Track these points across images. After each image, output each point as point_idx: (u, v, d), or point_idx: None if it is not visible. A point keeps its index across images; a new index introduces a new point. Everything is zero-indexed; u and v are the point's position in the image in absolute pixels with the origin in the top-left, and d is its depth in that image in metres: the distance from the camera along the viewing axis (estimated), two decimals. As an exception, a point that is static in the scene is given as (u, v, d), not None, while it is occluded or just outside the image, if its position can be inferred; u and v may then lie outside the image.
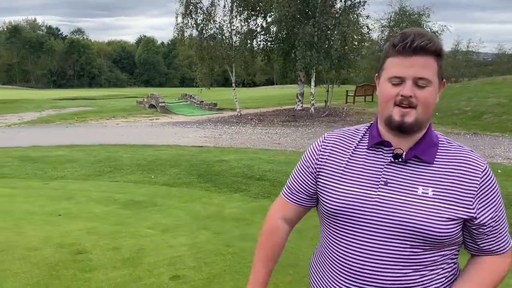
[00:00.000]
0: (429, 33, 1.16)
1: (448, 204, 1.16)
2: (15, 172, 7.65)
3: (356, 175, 1.23)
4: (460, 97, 18.38)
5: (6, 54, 75.77)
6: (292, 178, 1.40)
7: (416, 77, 1.14)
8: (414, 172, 1.19)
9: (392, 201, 1.17)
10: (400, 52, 1.15)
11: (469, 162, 1.19)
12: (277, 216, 1.41)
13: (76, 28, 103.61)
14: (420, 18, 34.79)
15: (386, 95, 1.18)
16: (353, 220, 1.21)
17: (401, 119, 1.16)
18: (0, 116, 20.74)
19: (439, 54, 1.16)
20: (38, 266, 3.73)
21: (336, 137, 1.34)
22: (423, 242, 1.16)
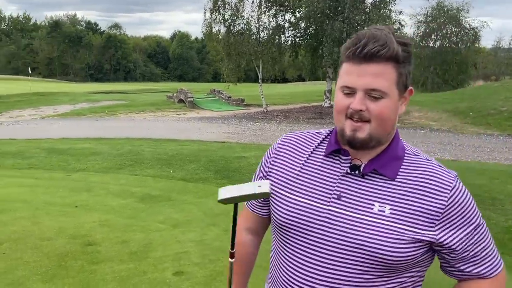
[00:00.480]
0: (387, 35, 1.00)
1: (406, 224, 1.02)
2: (41, 163, 7.94)
3: (308, 184, 1.11)
4: (497, 96, 17.63)
5: (47, 48, 78.63)
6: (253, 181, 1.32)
7: (367, 88, 1.00)
8: (371, 187, 1.06)
9: (344, 217, 1.05)
10: (350, 58, 1.01)
11: (435, 179, 1.04)
12: (241, 228, 1.33)
13: (113, 23, 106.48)
14: (459, 13, 33.58)
15: (337, 105, 1.06)
16: (301, 236, 1.09)
17: (352, 134, 1.03)
18: (36, 108, 21.59)
19: (398, 59, 1.00)
20: (49, 256, 3.85)
21: (292, 139, 1.21)
22: (376, 266, 1.03)
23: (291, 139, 1.21)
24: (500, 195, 5.88)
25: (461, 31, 33.99)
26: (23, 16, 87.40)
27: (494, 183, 6.55)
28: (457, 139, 11.96)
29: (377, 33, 1.00)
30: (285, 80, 42.73)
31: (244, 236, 1.33)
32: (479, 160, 9.00)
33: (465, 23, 33.78)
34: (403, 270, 1.06)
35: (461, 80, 34.70)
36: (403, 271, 1.06)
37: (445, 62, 33.75)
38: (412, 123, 15.17)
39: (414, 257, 1.03)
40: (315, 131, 1.22)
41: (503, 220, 4.98)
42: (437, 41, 34.70)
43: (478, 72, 43.60)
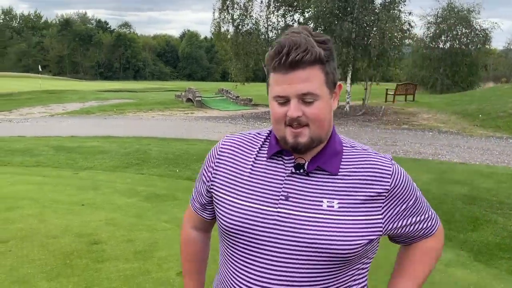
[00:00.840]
0: (306, 39, 1.01)
1: (356, 215, 1.06)
2: (49, 161, 8.01)
3: (255, 188, 1.10)
4: (507, 98, 17.43)
5: (58, 46, 79.29)
6: (195, 186, 1.30)
7: (299, 93, 1.02)
8: (317, 184, 1.08)
9: (294, 217, 1.05)
10: (276, 68, 1.03)
11: (375, 166, 1.09)
12: (187, 226, 1.34)
13: (123, 22, 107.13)
14: (470, 14, 33.27)
15: (274, 115, 1.07)
16: (252, 240, 1.08)
17: (294, 141, 1.05)
18: (46, 106, 21.78)
19: (322, 61, 1.03)
20: (54, 254, 3.89)
21: (233, 142, 1.20)
22: (330, 262, 1.05)
23: (233, 142, 1.20)
24: (508, 199, 5.82)
25: (471, 32, 33.66)
26: (34, 14, 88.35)
27: (502, 187, 6.48)
28: (465, 141, 11.85)
29: (296, 39, 1.01)
30: (293, 80, 42.53)
31: (191, 233, 1.33)
32: (487, 163, 8.91)
33: (475, 24, 33.46)
34: (354, 263, 1.09)
35: (471, 82, 34.37)
36: (353, 263, 1.09)
37: (455, 63, 33.45)
38: (420, 124, 15.06)
39: (365, 247, 1.07)
40: (255, 132, 1.22)
41: (510, 224, 4.93)
42: (447, 42, 34.40)
43: (488, 74, 43.16)
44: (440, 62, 33.86)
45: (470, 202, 5.70)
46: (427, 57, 34.44)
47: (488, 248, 4.30)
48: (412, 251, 1.23)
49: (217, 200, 1.17)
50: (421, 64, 34.68)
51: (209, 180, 1.20)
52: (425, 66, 34.45)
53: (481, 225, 4.93)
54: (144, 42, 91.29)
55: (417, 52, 34.62)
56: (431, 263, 1.23)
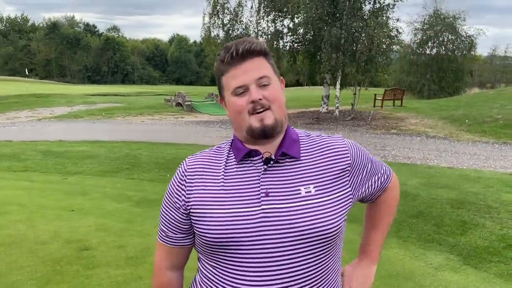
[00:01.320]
0: (249, 38, 1.17)
1: (332, 194, 1.15)
2: (37, 166, 7.91)
3: (233, 194, 1.12)
4: (492, 104, 17.74)
5: (45, 50, 78.50)
6: (162, 219, 1.25)
7: (256, 78, 1.12)
8: (289, 173, 1.14)
9: (279, 210, 1.10)
10: (230, 63, 1.14)
11: (333, 146, 1.21)
12: (164, 267, 1.28)
13: (112, 26, 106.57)
14: (455, 21, 33.82)
15: (236, 107, 1.14)
16: (244, 244, 1.09)
17: (261, 124, 1.12)
18: (33, 110, 21.50)
19: (266, 53, 1.16)
20: (44, 260, 3.83)
21: (199, 161, 1.21)
22: (321, 245, 1.11)
23: (198, 161, 1.21)
24: (495, 203, 5.90)
25: (457, 38, 34.24)
26: (21, 17, 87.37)
27: (490, 191, 6.57)
28: (453, 146, 12.01)
29: (241, 39, 1.16)
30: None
31: (169, 276, 1.28)
32: (474, 167, 9.04)
33: (461, 31, 34.05)
34: (337, 241, 1.17)
35: (457, 87, 34.91)
36: (337, 242, 1.17)
37: (442, 69, 33.96)
38: (408, 129, 15.22)
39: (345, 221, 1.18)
40: (215, 147, 1.25)
41: (498, 228, 5.00)
42: (433, 49, 34.92)
43: (474, 80, 43.86)
44: (427, 68, 34.34)
45: (459, 206, 5.78)
46: (414, 63, 34.92)
47: (477, 252, 4.36)
48: (376, 206, 1.38)
49: (197, 217, 1.15)
50: (408, 69, 35.15)
51: (183, 203, 1.18)
52: (412, 72, 34.92)
53: (470, 229, 5.00)
54: (133, 46, 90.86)
55: (405, 58, 35.08)
56: (393, 210, 1.40)
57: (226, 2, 18.55)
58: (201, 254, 1.23)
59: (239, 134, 1.19)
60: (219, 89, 1.21)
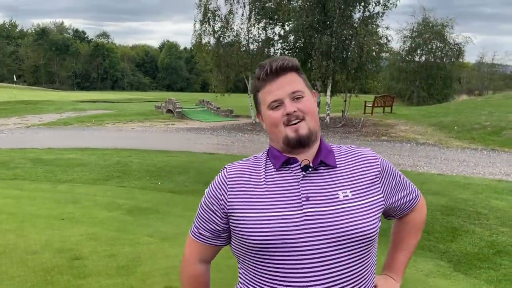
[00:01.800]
0: (282, 56, 1.26)
1: (368, 198, 1.23)
2: (26, 174, 7.82)
3: (276, 198, 1.20)
4: (480, 111, 18.00)
5: (33, 56, 77.82)
6: (199, 218, 1.34)
7: (290, 92, 1.22)
8: (327, 179, 1.23)
9: (320, 213, 1.17)
10: (265, 80, 1.23)
11: (364, 156, 1.30)
12: (194, 260, 1.36)
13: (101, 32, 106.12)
14: (444, 29, 34.32)
15: (273, 120, 1.23)
16: (286, 246, 1.15)
17: (296, 134, 1.21)
18: (21, 117, 21.28)
19: (298, 69, 1.26)
20: (35, 270, 3.79)
21: (238, 168, 1.29)
22: (361, 246, 1.19)
23: (237, 169, 1.29)
24: (484, 210, 5.98)
25: (445, 46, 34.74)
26: (9, 23, 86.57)
27: (479, 198, 6.66)
28: (442, 153, 12.14)
29: (274, 58, 1.26)
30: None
31: (199, 267, 1.37)
32: (464, 174, 9.14)
33: (449, 38, 34.56)
34: (374, 244, 1.25)
35: (446, 94, 35.38)
36: (374, 245, 1.25)
37: (430, 76, 34.39)
38: (398, 136, 15.36)
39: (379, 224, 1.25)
40: (252, 156, 1.34)
41: (487, 234, 5.06)
42: (422, 56, 35.38)
43: (462, 87, 44.48)
44: (416, 75, 34.75)
45: (449, 213, 5.84)
46: (404, 70, 35.32)
47: (467, 258, 4.41)
48: (402, 226, 1.45)
49: (241, 220, 1.22)
50: (397, 77, 35.53)
51: (223, 207, 1.26)
52: (401, 79, 35.31)
53: (460, 235, 5.05)
54: (122, 52, 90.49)
55: (394, 65, 35.46)
56: (420, 232, 1.47)
57: (217, 9, 18.63)
58: (241, 259, 1.28)
59: (276, 145, 1.28)
60: (256, 105, 1.31)
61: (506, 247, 4.67)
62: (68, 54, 80.00)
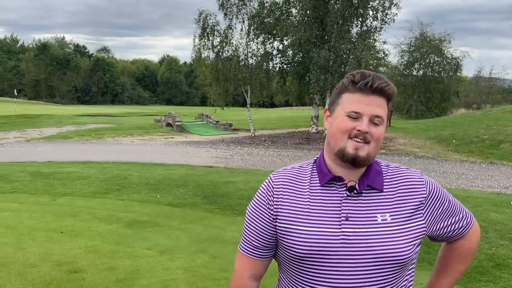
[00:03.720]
0: (385, 78, 1.23)
1: (407, 224, 1.23)
2: (25, 187, 7.82)
3: (318, 214, 1.23)
4: (479, 124, 18.09)
5: (34, 70, 78.26)
6: (249, 231, 1.33)
7: (373, 114, 1.20)
8: (369, 202, 1.23)
9: (358, 234, 1.20)
10: (360, 89, 1.20)
11: (411, 181, 1.28)
12: (246, 277, 1.35)
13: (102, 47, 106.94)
14: (441, 43, 34.68)
15: (342, 127, 1.21)
16: (324, 261, 1.21)
17: (355, 152, 1.19)
18: (21, 130, 21.33)
19: (391, 98, 1.23)
20: (33, 283, 3.78)
21: (284, 177, 1.30)
22: (393, 267, 1.21)
23: (282, 178, 1.30)
24: (483, 223, 5.98)
25: (443, 60, 35.06)
26: (11, 38, 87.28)
27: (478, 211, 6.66)
28: (441, 166, 12.17)
29: (379, 75, 1.23)
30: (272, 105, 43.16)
31: (249, 284, 1.36)
32: (462, 187, 9.16)
33: (447, 53, 34.92)
34: (409, 266, 1.27)
35: (444, 108, 35.57)
36: (409, 266, 1.27)
37: (428, 90, 34.63)
38: (397, 149, 15.41)
39: (417, 250, 1.26)
40: (297, 165, 1.34)
41: (487, 247, 5.05)
42: (420, 70, 35.68)
43: (460, 101, 44.72)
44: (414, 89, 35.00)
45: (448, 225, 5.83)
46: (402, 84, 35.56)
47: (467, 272, 4.37)
48: (449, 252, 1.42)
49: (285, 231, 1.25)
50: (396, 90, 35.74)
51: (272, 215, 1.27)
52: (399, 93, 35.48)
53: (459, 248, 5.04)
54: (122, 67, 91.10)
55: (392, 79, 35.56)
56: (467, 261, 1.43)
57: (216, 24, 18.85)
58: (282, 267, 1.32)
59: (329, 155, 1.27)
60: (332, 101, 1.27)
61: (505, 260, 4.66)
62: (68, 68, 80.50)
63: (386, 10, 17.42)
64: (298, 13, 18.34)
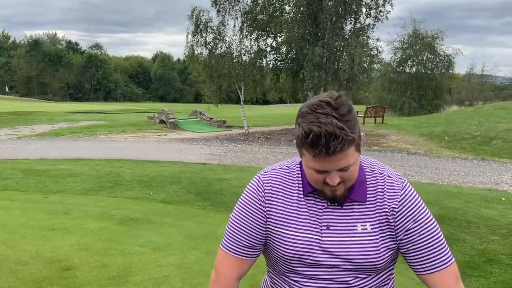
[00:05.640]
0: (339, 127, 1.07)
1: (385, 233, 1.25)
2: (17, 184, 7.76)
3: (303, 220, 1.25)
4: (470, 121, 18.21)
5: (26, 67, 77.48)
6: (238, 230, 1.29)
7: (340, 168, 1.15)
8: (350, 212, 1.25)
9: (337, 243, 1.23)
10: (317, 156, 1.11)
11: (388, 188, 1.26)
12: (234, 278, 1.32)
13: (94, 43, 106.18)
14: (434, 41, 34.83)
15: (313, 180, 1.20)
16: (306, 266, 1.25)
17: (332, 194, 1.21)
18: (13, 128, 21.14)
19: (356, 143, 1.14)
20: (25, 281, 3.76)
21: (273, 178, 1.30)
22: (367, 272, 1.25)
23: (271, 179, 1.30)
24: (475, 218, 6.03)
25: (436, 57, 35.24)
26: (2, 35, 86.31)
27: (469, 206, 6.72)
28: (433, 162, 12.25)
29: (330, 129, 1.07)
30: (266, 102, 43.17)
31: (235, 285, 1.33)
32: (454, 183, 9.23)
33: (439, 50, 35.10)
34: (385, 269, 1.30)
35: (436, 105, 35.78)
36: (385, 270, 1.30)
37: (421, 87, 34.80)
38: (389, 146, 15.48)
39: (394, 257, 1.30)
40: (285, 166, 1.32)
41: (478, 243, 5.10)
42: (413, 67, 35.82)
43: (452, 98, 45.04)
44: (407, 86, 35.15)
45: (440, 221, 5.79)
46: (395, 81, 35.72)
47: (458, 267, 4.40)
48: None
49: (275, 233, 1.28)
50: (389, 87, 35.92)
51: (264, 216, 1.29)
52: (392, 90, 35.69)
53: (450, 244, 5.02)
54: (115, 64, 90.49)
55: (385, 76, 35.85)
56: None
57: (209, 21, 18.77)
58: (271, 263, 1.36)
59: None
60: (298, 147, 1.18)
61: (496, 255, 4.71)
62: (61, 65, 79.79)
63: (380, 7, 17.46)
64: (292, 10, 18.31)
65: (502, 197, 7.49)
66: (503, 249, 4.86)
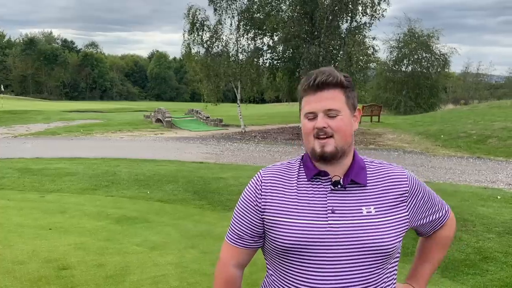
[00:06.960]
0: (331, 69, 1.27)
1: (391, 215, 1.29)
2: (13, 183, 7.73)
3: (304, 207, 1.27)
4: (466, 120, 18.29)
5: (21, 66, 77.09)
6: (236, 221, 1.39)
7: (326, 109, 1.24)
8: (354, 195, 1.29)
9: (343, 226, 1.25)
10: (307, 90, 1.27)
11: (394, 175, 1.34)
12: (230, 264, 1.41)
13: (90, 42, 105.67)
14: (430, 40, 34.92)
15: (304, 129, 1.29)
16: (310, 252, 1.25)
17: (321, 150, 1.25)
18: (9, 127, 21.04)
19: (343, 85, 1.26)
20: (21, 281, 3.75)
21: (273, 172, 1.37)
22: (377, 258, 1.26)
23: (272, 173, 1.36)
24: (471, 217, 6.06)
25: (431, 56, 35.32)
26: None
27: (465, 205, 6.75)
28: (429, 161, 12.30)
29: (324, 69, 1.29)
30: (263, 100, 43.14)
31: (235, 272, 1.41)
32: (450, 181, 9.27)
33: (435, 49, 35.17)
34: (392, 258, 1.32)
35: (432, 103, 35.88)
36: (393, 257, 1.32)
37: (417, 86, 34.88)
38: (386, 145, 15.52)
39: (400, 241, 1.32)
40: (286, 162, 1.40)
41: (474, 241, 5.13)
42: (409, 66, 35.91)
43: (448, 96, 45.21)
44: (403, 84, 35.22)
45: (436, 219, 5.90)
46: (391, 79, 35.79)
47: (454, 265, 4.45)
48: (429, 241, 1.51)
49: (272, 224, 1.31)
50: (385, 86, 35.98)
51: (259, 209, 1.33)
52: (388, 88, 35.75)
53: (447, 242, 5.10)
54: (111, 62, 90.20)
55: (381, 75, 35.92)
56: (445, 248, 1.53)
57: (205, 19, 18.74)
58: (269, 259, 1.37)
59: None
60: (299, 100, 1.34)
61: (492, 253, 4.73)
62: (56, 64, 79.41)
63: (376, 6, 17.48)
64: (288, 8, 18.31)
65: (497, 195, 7.53)
66: (499, 247, 4.89)
